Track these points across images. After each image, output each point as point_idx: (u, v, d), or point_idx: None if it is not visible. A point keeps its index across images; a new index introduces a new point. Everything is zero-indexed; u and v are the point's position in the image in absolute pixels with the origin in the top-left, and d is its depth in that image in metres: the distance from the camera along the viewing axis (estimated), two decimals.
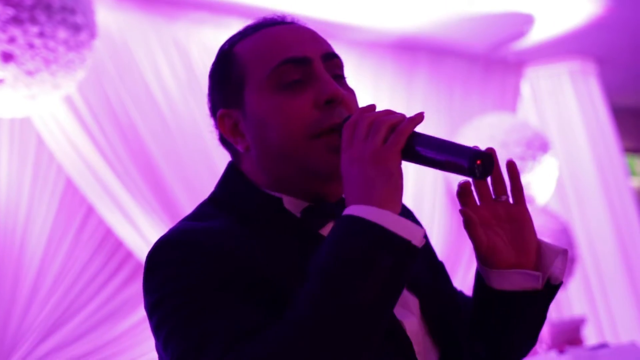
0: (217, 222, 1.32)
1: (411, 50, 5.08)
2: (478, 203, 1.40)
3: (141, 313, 3.46)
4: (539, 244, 1.40)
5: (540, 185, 4.85)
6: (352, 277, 1.13)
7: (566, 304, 5.41)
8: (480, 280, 1.43)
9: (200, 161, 3.83)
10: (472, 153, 1.22)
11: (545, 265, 1.39)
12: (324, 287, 1.14)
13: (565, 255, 1.39)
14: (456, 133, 4.92)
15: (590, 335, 5.19)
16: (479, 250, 1.39)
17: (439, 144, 1.25)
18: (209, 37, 4.10)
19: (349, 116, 1.31)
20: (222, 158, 3.76)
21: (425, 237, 1.48)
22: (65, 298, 3.42)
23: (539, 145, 4.76)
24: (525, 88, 5.80)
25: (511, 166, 1.38)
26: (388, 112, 1.27)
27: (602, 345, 4.06)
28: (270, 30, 1.41)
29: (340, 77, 1.40)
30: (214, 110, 1.45)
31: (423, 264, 1.49)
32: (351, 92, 1.40)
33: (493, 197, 1.40)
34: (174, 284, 1.23)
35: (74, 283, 3.45)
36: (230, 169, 1.45)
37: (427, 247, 1.56)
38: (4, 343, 3.24)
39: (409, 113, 1.25)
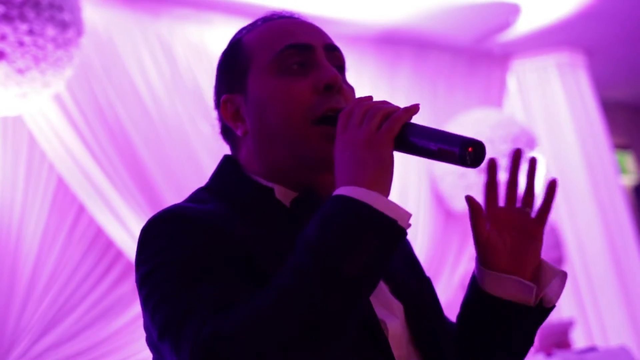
0: (209, 205, 1.46)
1: (394, 44, 5.24)
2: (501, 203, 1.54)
3: (135, 310, 3.68)
4: (540, 263, 1.53)
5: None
6: (339, 252, 1.24)
7: None
8: (474, 283, 1.57)
9: (185, 158, 4.07)
10: (463, 141, 1.32)
11: (541, 283, 1.51)
12: (310, 259, 1.25)
13: (563, 279, 1.51)
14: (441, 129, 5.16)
15: (578, 339, 5.37)
16: (476, 243, 1.52)
17: (431, 133, 1.36)
18: (193, 33, 4.32)
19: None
20: (206, 153, 4.08)
21: (412, 251, 1.67)
22: (60, 296, 3.64)
23: (526, 142, 4.94)
24: (512, 81, 5.96)
25: (552, 186, 1.53)
26: (384, 102, 1.40)
27: (591, 349, 4.25)
28: (277, 21, 1.58)
29: (341, 69, 1.58)
30: (218, 98, 1.60)
31: (411, 275, 1.62)
32: (350, 87, 1.55)
33: (518, 205, 1.54)
34: (164, 256, 1.36)
35: (68, 281, 3.68)
36: (225, 160, 1.59)
37: (415, 261, 1.69)
38: (2, 342, 3.44)
39: None
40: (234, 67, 1.58)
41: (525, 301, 1.52)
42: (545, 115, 5.97)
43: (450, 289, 4.99)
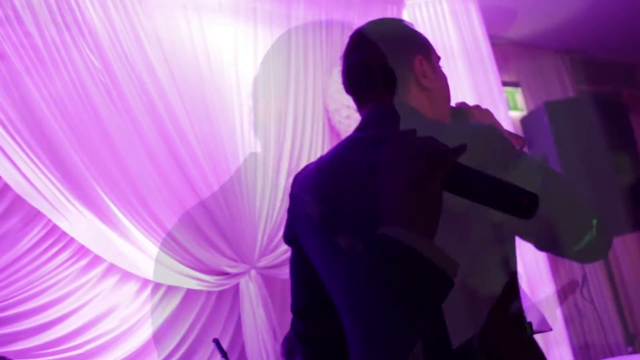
0: None
1: None
2: None
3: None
4: None
5: None
6: None
7: None
8: None
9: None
10: (519, 192, 1.35)
11: None
12: None
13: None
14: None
15: None
16: None
17: (484, 179, 1.37)
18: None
19: None
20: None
21: None
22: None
23: None
24: (405, 17, 5.91)
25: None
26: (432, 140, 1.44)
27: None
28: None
29: None
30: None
31: None
32: None
33: None
34: None
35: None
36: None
37: None
38: None
39: None
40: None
41: None
42: (438, 49, 5.87)
43: None
